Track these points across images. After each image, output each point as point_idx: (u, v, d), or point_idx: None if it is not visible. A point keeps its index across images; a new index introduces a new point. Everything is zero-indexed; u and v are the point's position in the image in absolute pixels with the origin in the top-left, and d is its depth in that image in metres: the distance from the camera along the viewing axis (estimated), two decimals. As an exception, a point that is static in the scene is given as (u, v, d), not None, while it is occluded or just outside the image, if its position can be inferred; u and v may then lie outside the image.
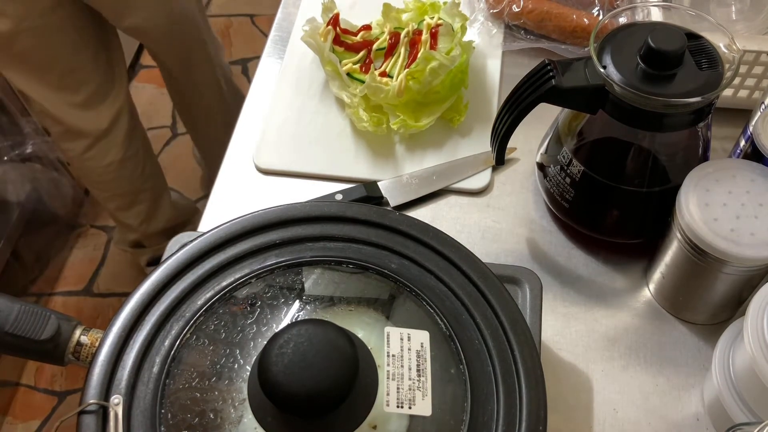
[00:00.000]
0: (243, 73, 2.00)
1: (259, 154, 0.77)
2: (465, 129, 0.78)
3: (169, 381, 0.47)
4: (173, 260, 0.52)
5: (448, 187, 0.74)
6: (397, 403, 0.45)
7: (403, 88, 0.73)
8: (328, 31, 0.78)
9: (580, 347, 0.64)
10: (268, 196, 0.74)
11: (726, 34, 0.58)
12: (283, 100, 0.81)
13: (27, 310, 0.48)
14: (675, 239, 0.59)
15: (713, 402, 0.58)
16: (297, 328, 0.43)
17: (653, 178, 0.63)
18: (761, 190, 0.57)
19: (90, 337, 0.49)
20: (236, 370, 0.49)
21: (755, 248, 0.55)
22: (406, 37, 0.77)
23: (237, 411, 0.47)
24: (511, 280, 0.56)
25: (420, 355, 0.47)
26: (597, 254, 0.69)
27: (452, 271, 0.52)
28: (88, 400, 0.45)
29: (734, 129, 0.70)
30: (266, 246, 0.53)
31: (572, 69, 0.59)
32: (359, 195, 0.71)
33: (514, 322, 0.49)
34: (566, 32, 0.82)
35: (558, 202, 0.68)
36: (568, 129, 0.66)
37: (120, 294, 1.65)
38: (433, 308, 0.50)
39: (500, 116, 0.62)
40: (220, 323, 0.51)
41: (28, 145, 1.56)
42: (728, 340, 0.57)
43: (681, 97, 0.56)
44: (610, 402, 0.61)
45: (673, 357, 0.63)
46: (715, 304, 0.62)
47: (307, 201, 0.67)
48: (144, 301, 0.50)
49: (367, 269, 0.52)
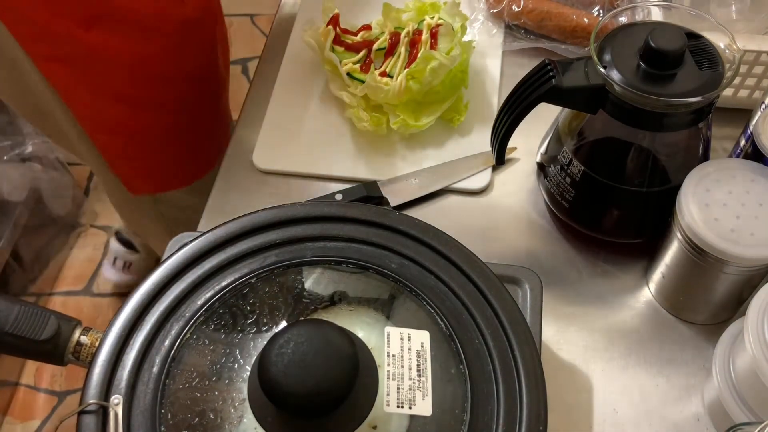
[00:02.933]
0: (243, 73, 2.00)
1: (259, 154, 0.77)
2: (465, 129, 0.78)
3: (169, 381, 0.47)
4: (173, 260, 0.52)
5: (448, 187, 0.74)
6: (397, 403, 0.45)
7: (403, 88, 0.73)
8: (328, 31, 0.78)
9: (580, 347, 0.64)
10: (268, 196, 0.74)
11: (726, 33, 0.58)
12: (283, 100, 0.81)
13: (27, 310, 0.48)
14: (675, 239, 0.59)
15: (713, 402, 0.58)
16: (297, 328, 0.43)
17: (653, 178, 0.63)
18: (761, 190, 0.57)
19: (90, 337, 0.49)
20: (236, 370, 0.49)
21: (755, 248, 0.55)
22: (406, 37, 0.77)
23: (237, 411, 0.47)
24: (511, 280, 0.56)
25: (420, 355, 0.47)
26: (597, 254, 0.69)
27: (452, 271, 0.52)
28: (88, 400, 0.45)
29: (734, 129, 0.70)
30: (266, 246, 0.53)
31: (572, 69, 0.59)
32: (359, 195, 0.71)
33: (514, 322, 0.49)
34: (566, 32, 0.82)
35: (558, 202, 0.68)
36: (568, 129, 0.66)
37: (120, 294, 1.65)
38: (433, 308, 0.50)
39: (500, 116, 0.62)
40: (220, 323, 0.51)
41: (28, 145, 1.56)
42: (728, 340, 0.57)
43: (681, 96, 0.56)
44: (610, 402, 0.61)
45: (673, 357, 0.63)
46: (715, 304, 0.62)
47: (307, 201, 0.68)
48: (144, 301, 0.50)
49: (367, 269, 0.52)
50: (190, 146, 1.04)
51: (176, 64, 0.92)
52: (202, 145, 1.05)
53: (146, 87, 0.92)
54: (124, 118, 0.94)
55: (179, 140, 1.02)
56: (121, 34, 0.84)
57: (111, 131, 0.96)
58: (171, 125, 0.99)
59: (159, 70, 0.91)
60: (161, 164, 1.04)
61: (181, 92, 0.96)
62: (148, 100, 0.94)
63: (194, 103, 0.99)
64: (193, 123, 1.01)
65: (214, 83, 1.02)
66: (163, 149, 1.02)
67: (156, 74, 0.91)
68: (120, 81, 0.90)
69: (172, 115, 0.98)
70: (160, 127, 0.98)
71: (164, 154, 1.03)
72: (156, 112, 0.96)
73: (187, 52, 0.92)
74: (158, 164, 1.04)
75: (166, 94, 0.95)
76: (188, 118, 1.00)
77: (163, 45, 0.88)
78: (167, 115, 0.97)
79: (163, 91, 0.94)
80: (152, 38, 0.87)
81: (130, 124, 0.95)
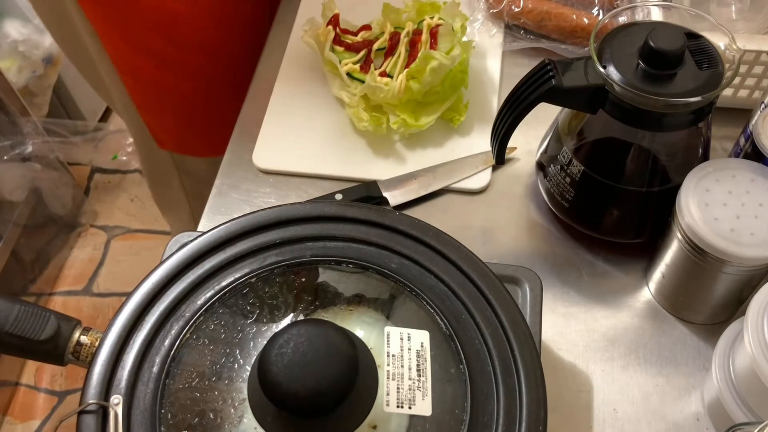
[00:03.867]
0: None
1: (259, 154, 0.77)
2: (465, 129, 0.78)
3: (169, 381, 0.47)
4: (173, 260, 0.52)
5: (448, 187, 0.74)
6: (397, 403, 0.45)
7: (403, 88, 0.73)
8: (328, 31, 0.78)
9: (580, 347, 0.64)
10: (268, 196, 0.74)
11: (726, 33, 0.58)
12: (283, 100, 0.81)
13: (27, 310, 0.48)
14: (675, 239, 0.59)
15: (713, 402, 0.58)
16: (297, 328, 0.43)
17: (653, 177, 0.63)
18: (761, 189, 0.57)
19: (90, 337, 0.49)
20: (236, 370, 0.49)
21: (755, 248, 0.55)
22: (406, 37, 0.77)
23: (237, 411, 0.47)
24: (511, 280, 0.56)
25: (420, 355, 0.47)
26: (597, 254, 0.69)
27: (452, 271, 0.52)
28: (88, 400, 0.45)
29: (734, 129, 0.70)
30: (266, 246, 0.53)
31: (572, 69, 0.59)
32: (359, 195, 0.71)
33: (514, 322, 0.49)
34: (566, 32, 0.82)
35: (558, 202, 0.68)
36: (568, 129, 0.66)
37: (120, 294, 1.65)
38: (433, 308, 0.50)
39: (500, 116, 0.62)
40: (220, 323, 0.51)
41: (28, 145, 1.56)
42: (728, 340, 0.57)
43: (681, 96, 0.56)
44: (610, 402, 0.61)
45: (673, 357, 0.63)
46: (715, 304, 0.62)
47: (307, 201, 0.68)
48: (144, 301, 0.50)
49: (367, 269, 0.52)
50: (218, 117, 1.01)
51: (212, 32, 0.92)
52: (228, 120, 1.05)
53: (179, 49, 0.92)
54: (155, 74, 0.95)
55: (208, 107, 1.02)
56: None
57: (141, 80, 0.97)
58: (200, 90, 0.99)
59: (194, 37, 0.91)
60: (188, 125, 1.05)
61: (215, 62, 0.96)
62: (179, 64, 0.94)
63: (227, 75, 0.99)
64: (222, 95, 0.99)
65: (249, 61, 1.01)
66: (192, 111, 1.02)
67: (190, 40, 0.91)
68: (153, 39, 0.90)
69: (204, 82, 0.98)
70: (190, 90, 0.98)
71: (192, 115, 1.03)
72: (187, 75, 0.96)
73: (224, 24, 0.92)
74: (184, 124, 1.04)
75: (199, 60, 0.95)
76: (220, 89, 0.99)
77: (202, 9, 0.88)
78: (198, 80, 0.97)
79: (196, 57, 0.94)
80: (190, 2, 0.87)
81: (160, 80, 0.96)
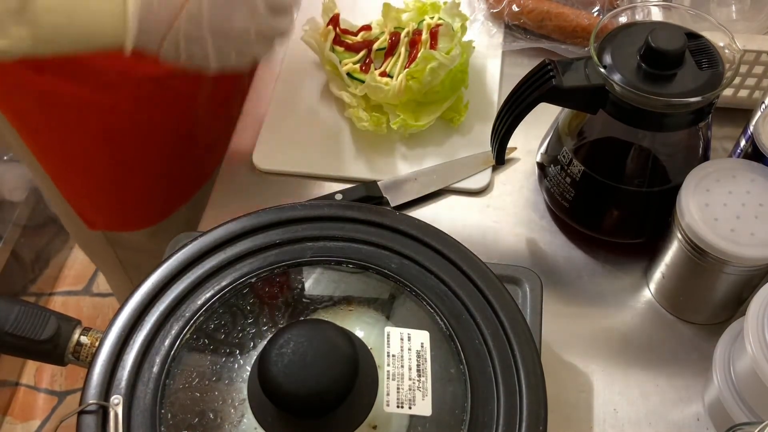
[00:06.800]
0: (243, 73, 2.00)
1: (259, 154, 0.77)
2: (465, 129, 0.78)
3: (169, 381, 0.47)
4: (173, 260, 0.52)
5: (448, 187, 0.74)
6: (397, 403, 0.45)
7: (403, 88, 0.73)
8: (328, 31, 0.78)
9: (580, 347, 0.64)
10: (268, 196, 0.74)
11: (726, 33, 0.58)
12: (283, 100, 0.81)
13: (27, 311, 0.48)
14: (675, 239, 0.59)
15: (713, 402, 0.58)
16: (297, 328, 0.43)
17: (653, 177, 0.63)
18: (761, 190, 0.57)
19: (90, 337, 0.49)
20: (236, 370, 0.49)
21: (755, 248, 0.55)
22: (406, 37, 0.77)
23: (237, 411, 0.47)
24: (511, 280, 0.56)
25: (420, 355, 0.47)
26: (597, 254, 0.69)
27: (452, 271, 0.52)
28: (88, 400, 0.45)
29: (734, 129, 0.70)
30: (266, 246, 0.53)
31: (572, 69, 0.59)
32: (359, 195, 0.71)
33: (514, 322, 0.49)
34: (566, 32, 0.82)
35: (558, 202, 0.68)
36: (569, 129, 0.66)
37: (120, 294, 1.65)
38: (433, 308, 0.50)
39: (500, 116, 0.62)
40: (220, 323, 0.51)
41: (28, 145, 1.56)
42: (728, 340, 0.57)
43: (681, 96, 0.56)
44: (610, 402, 0.61)
45: (673, 357, 0.63)
46: (715, 304, 0.62)
47: (307, 201, 0.68)
48: (144, 301, 0.50)
49: (367, 269, 0.52)
50: (156, 188, 0.93)
51: (133, 116, 0.82)
52: (171, 186, 0.94)
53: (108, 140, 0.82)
54: (77, 155, 0.84)
55: (145, 182, 0.91)
56: (74, 82, 0.75)
57: (64, 162, 0.87)
58: (135, 168, 0.88)
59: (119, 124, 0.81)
60: (120, 202, 0.93)
61: (150, 144, 0.86)
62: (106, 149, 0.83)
63: (164, 152, 0.89)
64: (162, 169, 0.90)
65: (192, 134, 0.90)
66: (125, 188, 0.91)
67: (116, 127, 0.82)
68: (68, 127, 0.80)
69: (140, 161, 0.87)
70: (125, 169, 0.88)
71: (125, 192, 0.92)
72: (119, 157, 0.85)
73: (155, 106, 0.82)
74: (117, 202, 0.93)
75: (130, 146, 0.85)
76: (157, 165, 0.89)
77: (124, 98, 0.79)
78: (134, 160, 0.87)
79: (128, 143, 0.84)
80: (112, 91, 0.77)
81: (86, 163, 0.85)
